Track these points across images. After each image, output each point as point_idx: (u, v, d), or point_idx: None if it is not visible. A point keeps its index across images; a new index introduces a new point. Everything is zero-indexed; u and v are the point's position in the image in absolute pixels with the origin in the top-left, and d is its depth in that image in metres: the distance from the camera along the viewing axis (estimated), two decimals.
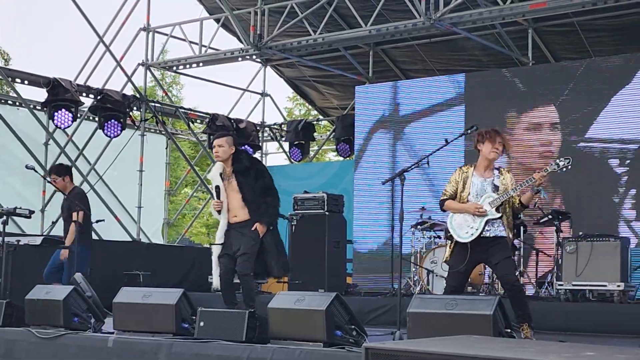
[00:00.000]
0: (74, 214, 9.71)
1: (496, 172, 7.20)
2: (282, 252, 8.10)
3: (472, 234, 7.04)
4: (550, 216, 10.98)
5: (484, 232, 7.03)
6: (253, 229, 7.81)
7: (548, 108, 12.83)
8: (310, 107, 24.40)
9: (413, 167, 7.53)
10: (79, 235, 9.43)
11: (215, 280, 7.90)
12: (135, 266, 13.38)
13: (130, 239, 14.98)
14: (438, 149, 7.51)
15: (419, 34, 14.35)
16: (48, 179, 10.22)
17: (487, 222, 7.03)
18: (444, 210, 7.39)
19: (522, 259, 11.15)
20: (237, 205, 7.92)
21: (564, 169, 7.00)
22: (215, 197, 7.99)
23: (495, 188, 7.10)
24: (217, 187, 7.94)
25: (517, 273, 8.63)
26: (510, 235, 7.13)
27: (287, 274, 9.15)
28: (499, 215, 7.03)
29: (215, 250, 7.96)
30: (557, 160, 7.00)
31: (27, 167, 10.23)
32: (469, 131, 7.29)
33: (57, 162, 10.04)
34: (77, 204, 9.64)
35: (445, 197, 7.30)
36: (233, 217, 7.94)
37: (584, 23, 13.99)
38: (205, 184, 17.19)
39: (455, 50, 15.58)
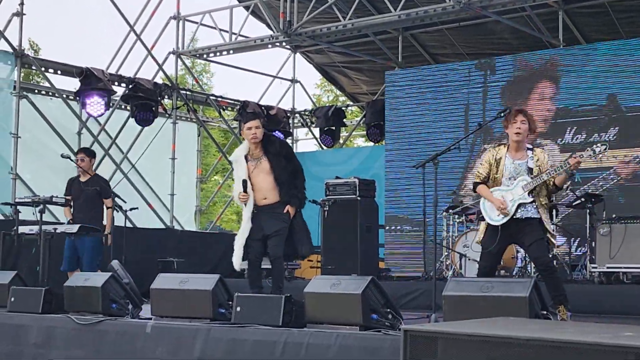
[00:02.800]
0: (106, 200, 9.91)
1: (529, 152, 7.17)
2: (308, 233, 8.16)
3: (503, 217, 7.06)
4: (582, 199, 10.95)
5: (515, 215, 7.05)
6: (285, 211, 7.88)
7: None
8: (338, 93, 24.41)
9: (446, 151, 7.53)
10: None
11: (236, 262, 7.99)
12: (169, 253, 13.52)
13: (163, 227, 15.11)
14: (471, 133, 7.53)
15: (449, 18, 14.31)
16: (73, 158, 10.38)
17: (519, 206, 7.04)
18: (476, 192, 7.42)
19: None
20: (267, 186, 7.97)
21: (600, 154, 6.97)
22: (243, 190, 7.94)
23: (530, 170, 7.09)
24: (245, 181, 7.94)
25: (550, 255, 8.62)
26: (545, 217, 7.12)
27: (311, 254, 9.13)
28: (531, 199, 7.02)
29: (241, 235, 8.03)
30: (594, 147, 6.98)
31: (62, 156, 10.38)
32: (502, 114, 7.28)
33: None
34: (112, 192, 9.88)
35: (478, 180, 7.31)
36: (262, 199, 7.97)
37: (615, 4, 13.87)
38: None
39: (485, 33, 15.51)
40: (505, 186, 7.14)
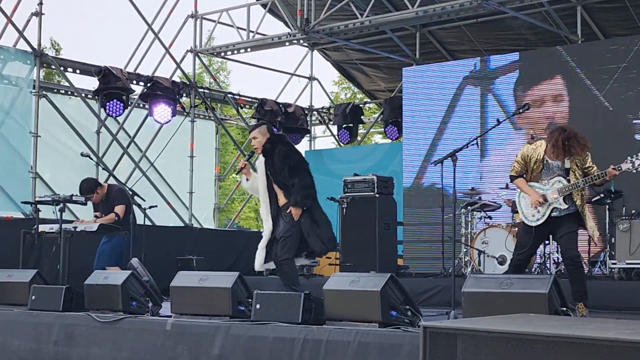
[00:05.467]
0: (116, 208, 9.90)
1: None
2: (324, 228, 8.02)
3: (537, 219, 7.09)
4: (602, 195, 10.89)
5: (551, 214, 7.05)
6: (288, 211, 7.91)
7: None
8: (356, 90, 24.41)
9: (464, 147, 7.52)
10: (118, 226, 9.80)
11: (256, 263, 8.07)
12: (188, 251, 13.56)
13: (182, 225, 15.16)
14: (489, 130, 7.50)
15: (466, 14, 14.27)
16: (93, 157, 10.31)
17: (553, 209, 7.03)
18: (513, 183, 7.41)
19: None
20: (277, 188, 8.06)
21: (639, 168, 6.91)
22: (246, 159, 8.24)
23: (566, 172, 7.06)
24: (252, 152, 8.17)
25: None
26: (584, 211, 7.05)
27: (331, 250, 8.93)
28: (566, 206, 7.00)
29: (264, 237, 8.09)
30: (634, 159, 6.92)
31: (82, 154, 10.42)
32: (521, 110, 7.26)
33: (83, 180, 10.19)
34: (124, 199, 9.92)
35: (514, 174, 7.31)
36: (277, 200, 8.08)
37: None
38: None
39: (503, 29, 15.46)
40: (543, 184, 7.13)
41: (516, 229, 9.14)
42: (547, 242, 10.26)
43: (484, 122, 13.47)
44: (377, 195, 11.85)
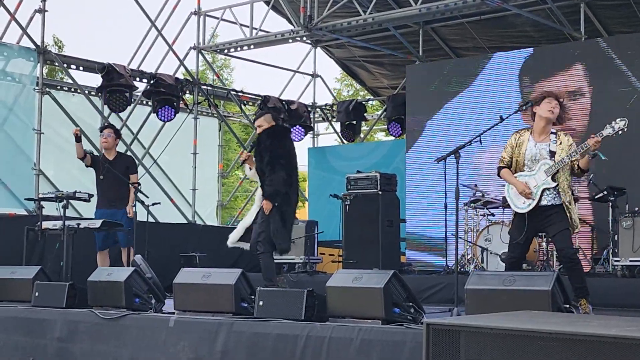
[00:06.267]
0: (132, 176, 10.27)
1: (553, 136, 7.11)
2: (282, 231, 8.11)
3: (529, 204, 7.03)
4: (605, 192, 10.88)
5: (541, 202, 7.01)
6: (261, 204, 8.10)
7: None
8: (358, 87, 24.39)
9: (467, 145, 7.51)
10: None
11: (231, 238, 8.45)
12: (191, 248, 13.55)
13: (185, 222, 15.16)
14: (492, 127, 7.47)
15: (469, 12, 14.25)
16: (96, 152, 10.48)
17: (543, 191, 7.00)
18: (500, 177, 7.39)
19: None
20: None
21: (620, 132, 6.83)
22: (248, 150, 8.52)
23: (552, 154, 7.04)
24: (254, 144, 8.34)
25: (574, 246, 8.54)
26: (567, 200, 7.03)
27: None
28: (555, 184, 6.98)
29: (248, 216, 8.35)
30: (613, 123, 6.87)
31: (85, 151, 10.44)
32: (524, 107, 7.24)
33: None
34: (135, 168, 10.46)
35: (502, 165, 7.29)
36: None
37: None
38: None
39: (506, 27, 15.43)
40: (528, 170, 7.11)
41: None
42: (548, 239, 10.21)
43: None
44: (380, 193, 11.87)
